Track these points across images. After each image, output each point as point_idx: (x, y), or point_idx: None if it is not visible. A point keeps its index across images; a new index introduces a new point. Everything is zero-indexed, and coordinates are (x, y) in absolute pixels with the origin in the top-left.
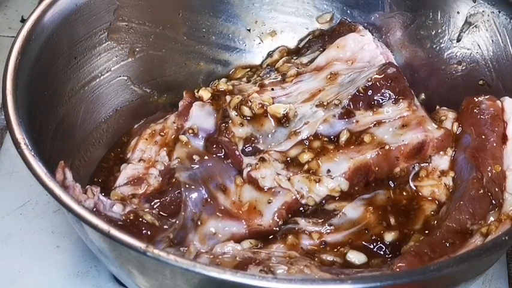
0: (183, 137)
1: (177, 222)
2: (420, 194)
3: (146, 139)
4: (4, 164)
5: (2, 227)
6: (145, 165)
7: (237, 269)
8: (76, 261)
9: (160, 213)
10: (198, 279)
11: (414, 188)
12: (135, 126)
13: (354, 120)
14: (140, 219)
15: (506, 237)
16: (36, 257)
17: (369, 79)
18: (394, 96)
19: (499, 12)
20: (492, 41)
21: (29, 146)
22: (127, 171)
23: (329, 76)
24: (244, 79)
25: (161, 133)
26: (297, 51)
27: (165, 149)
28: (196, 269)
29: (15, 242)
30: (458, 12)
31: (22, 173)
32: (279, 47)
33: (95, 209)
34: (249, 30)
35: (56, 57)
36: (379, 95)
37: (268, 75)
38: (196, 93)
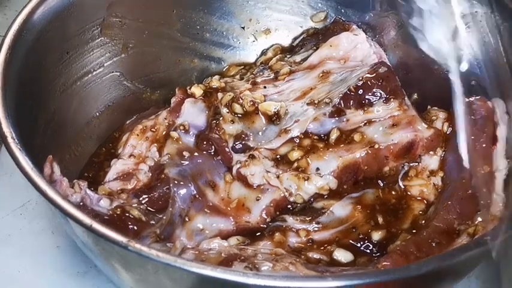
0: (174, 133)
1: (164, 217)
2: (409, 193)
3: (137, 135)
4: (4, 164)
5: (2, 227)
6: (136, 160)
7: (221, 265)
8: (76, 261)
9: (148, 208)
10: (180, 275)
11: (403, 187)
12: (127, 121)
13: (345, 119)
14: (127, 214)
15: (489, 238)
16: (36, 257)
17: (360, 78)
18: (385, 96)
19: (491, 12)
20: (484, 41)
21: (16, 140)
22: (117, 167)
23: (321, 74)
24: (238, 76)
25: (152, 129)
26: (291, 50)
27: (155, 144)
28: (177, 264)
29: (15, 242)
30: (452, 12)
31: None
32: (273, 45)
33: (81, 203)
34: (243, 28)
35: (48, 52)
36: (370, 94)
37: (261, 73)
38: (188, 90)
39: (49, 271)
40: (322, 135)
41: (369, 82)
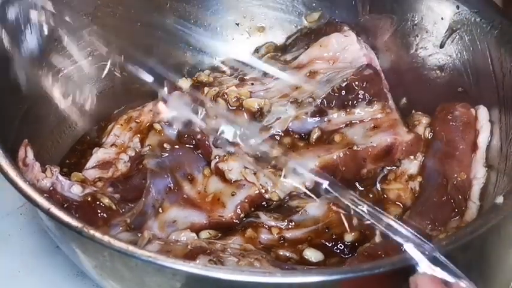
0: (157, 125)
1: (136, 207)
2: (386, 196)
3: (121, 125)
4: None
5: (2, 227)
6: (117, 150)
7: (186, 257)
8: None
9: (123, 197)
10: (135, 263)
11: (381, 190)
12: (115, 111)
13: (326, 119)
14: (98, 202)
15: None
16: (36, 257)
17: (345, 79)
18: (368, 98)
19: (480, 20)
20: (472, 48)
21: None
22: (98, 155)
23: (308, 74)
24: (228, 72)
25: (137, 120)
26: (284, 48)
27: (138, 135)
28: (128, 252)
29: (15, 242)
30: (442, 18)
31: None
32: (266, 43)
33: (51, 188)
34: (238, 24)
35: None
36: (353, 95)
37: (252, 70)
38: (176, 83)
39: (49, 271)
40: (303, 134)
41: (352, 84)
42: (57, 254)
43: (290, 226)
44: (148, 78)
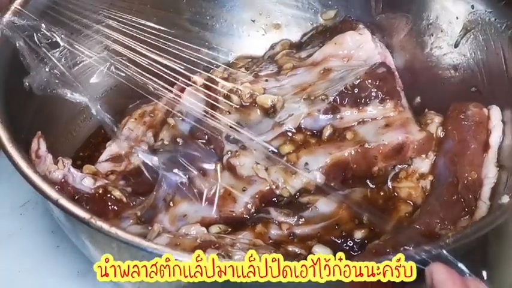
0: (170, 120)
1: (147, 200)
2: (396, 194)
3: (135, 119)
4: (4, 164)
5: (2, 227)
6: (131, 144)
7: (195, 250)
8: (76, 261)
9: (134, 191)
10: (142, 254)
11: (392, 188)
12: (130, 106)
13: (338, 117)
14: (109, 194)
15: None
16: (36, 257)
17: (358, 77)
18: (380, 96)
19: (495, 19)
20: (487, 48)
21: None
22: (111, 148)
23: (322, 71)
24: (243, 69)
25: (151, 114)
26: (299, 46)
27: (152, 130)
28: (134, 243)
29: (15, 242)
30: (457, 18)
31: None
32: (281, 40)
33: (63, 180)
34: (254, 21)
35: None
36: (366, 93)
37: (266, 67)
38: (191, 79)
39: (49, 271)
40: (315, 131)
41: (365, 81)
42: (57, 254)
43: (300, 222)
44: (163, 73)
